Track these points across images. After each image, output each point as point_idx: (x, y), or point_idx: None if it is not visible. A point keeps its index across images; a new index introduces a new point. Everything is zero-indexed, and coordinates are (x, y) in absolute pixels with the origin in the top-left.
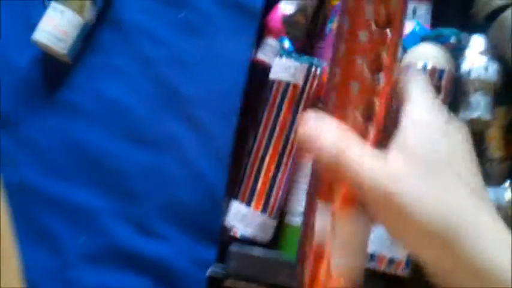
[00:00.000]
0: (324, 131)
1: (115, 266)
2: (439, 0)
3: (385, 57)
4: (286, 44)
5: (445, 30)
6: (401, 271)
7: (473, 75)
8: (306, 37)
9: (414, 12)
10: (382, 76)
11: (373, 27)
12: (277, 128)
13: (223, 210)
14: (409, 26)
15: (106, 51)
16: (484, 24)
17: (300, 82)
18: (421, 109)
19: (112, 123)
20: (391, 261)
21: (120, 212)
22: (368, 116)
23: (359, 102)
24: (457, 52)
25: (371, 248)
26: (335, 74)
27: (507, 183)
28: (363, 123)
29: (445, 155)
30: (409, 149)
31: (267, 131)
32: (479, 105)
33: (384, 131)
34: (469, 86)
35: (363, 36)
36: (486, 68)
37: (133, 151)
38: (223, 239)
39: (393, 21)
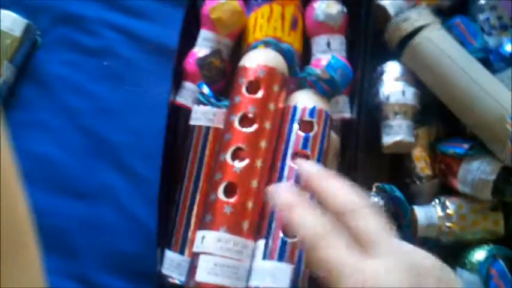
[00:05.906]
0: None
1: None
2: (352, 31)
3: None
4: (205, 89)
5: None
6: None
7: (391, 99)
8: (223, 78)
9: (328, 45)
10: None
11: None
12: (202, 175)
13: (157, 260)
14: (325, 59)
15: (29, 107)
16: (397, 50)
17: (220, 125)
18: (391, 245)
19: (43, 180)
20: None
21: (61, 269)
22: None
23: None
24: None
25: (254, 282)
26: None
27: (436, 201)
28: None
29: (423, 267)
30: (390, 260)
31: (192, 179)
32: (401, 128)
33: None
34: (389, 110)
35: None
36: (403, 92)
37: (68, 205)
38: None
39: None
